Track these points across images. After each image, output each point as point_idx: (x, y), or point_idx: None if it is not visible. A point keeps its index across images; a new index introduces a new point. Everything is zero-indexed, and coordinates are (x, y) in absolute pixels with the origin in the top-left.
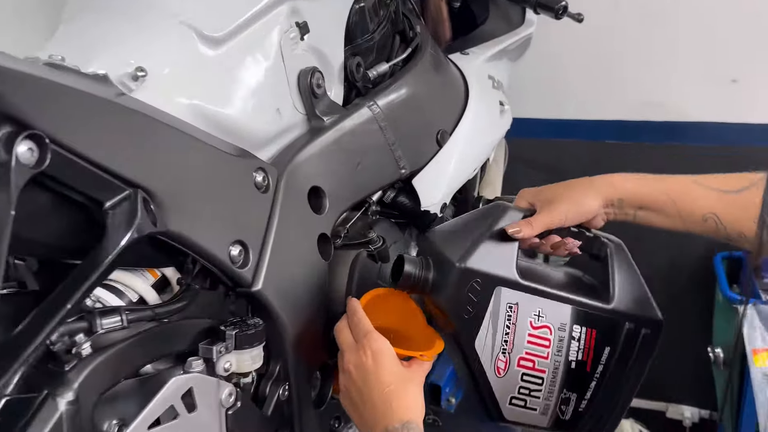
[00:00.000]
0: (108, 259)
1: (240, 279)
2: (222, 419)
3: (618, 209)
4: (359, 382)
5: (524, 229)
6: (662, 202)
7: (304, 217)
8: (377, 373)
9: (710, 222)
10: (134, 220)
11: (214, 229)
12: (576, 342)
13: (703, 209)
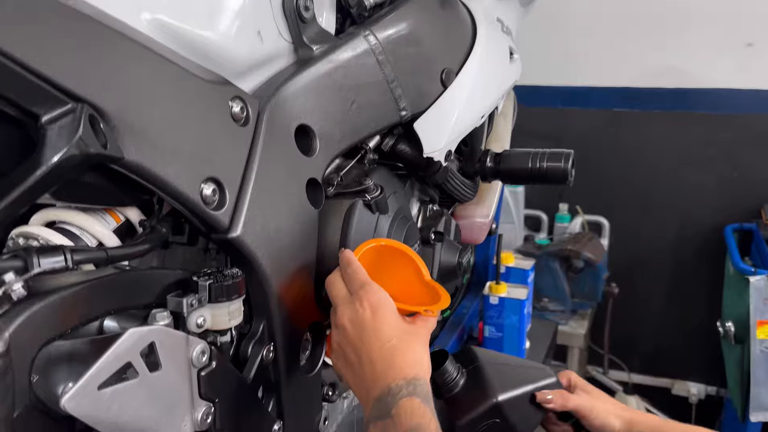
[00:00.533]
0: (33, 177)
1: (215, 223)
2: (193, 381)
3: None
4: (355, 338)
5: (557, 401)
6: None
7: (291, 158)
8: (376, 328)
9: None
10: (74, 135)
11: (182, 163)
12: None
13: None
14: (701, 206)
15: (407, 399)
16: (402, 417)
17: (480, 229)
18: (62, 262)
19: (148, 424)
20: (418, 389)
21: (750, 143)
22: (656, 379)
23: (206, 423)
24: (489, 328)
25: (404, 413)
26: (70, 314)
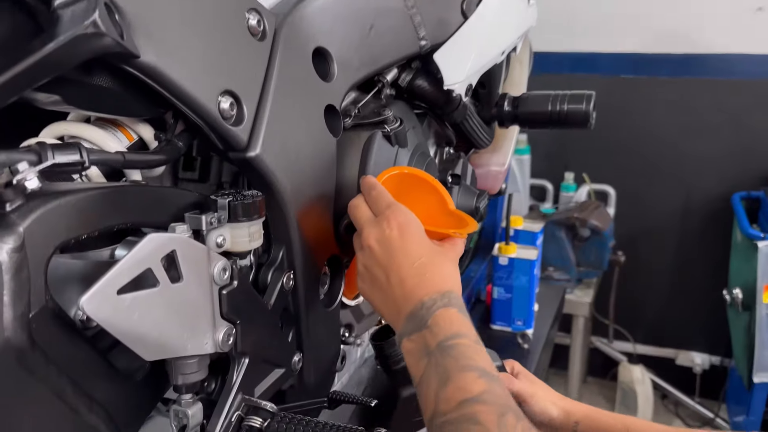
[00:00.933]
0: (44, 50)
1: (233, 139)
2: (215, 299)
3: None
4: (383, 258)
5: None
6: (615, 428)
7: (309, 81)
8: (405, 247)
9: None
10: (89, 15)
11: (199, 72)
12: None
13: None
14: (709, 174)
15: (443, 309)
16: (440, 326)
17: (496, 177)
18: (77, 156)
19: (169, 337)
20: (453, 301)
21: (759, 109)
22: (661, 349)
23: (228, 344)
24: (498, 290)
25: (442, 322)
26: (85, 218)
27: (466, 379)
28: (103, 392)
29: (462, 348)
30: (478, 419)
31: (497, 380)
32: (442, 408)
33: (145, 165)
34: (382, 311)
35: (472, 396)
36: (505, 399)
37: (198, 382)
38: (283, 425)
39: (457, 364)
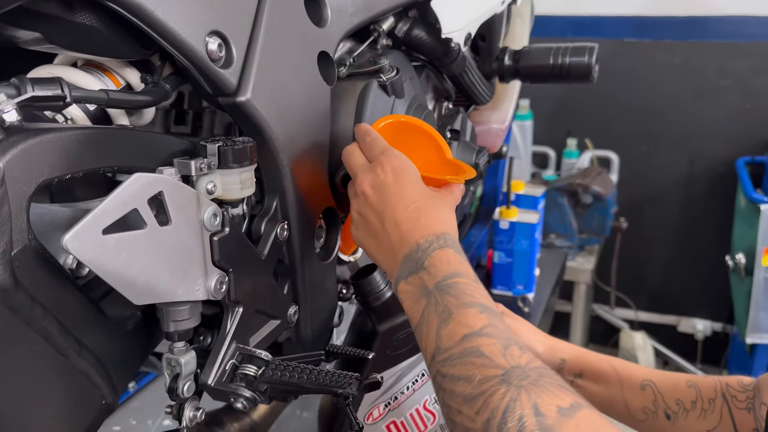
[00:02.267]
0: None
1: (222, 82)
2: (206, 246)
3: (559, 372)
4: (377, 203)
5: None
6: (603, 368)
7: (301, 25)
8: (399, 191)
9: (648, 390)
10: None
11: (185, 10)
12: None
13: (642, 376)
14: (713, 139)
15: (440, 250)
16: (437, 267)
17: (496, 135)
18: (58, 90)
19: (159, 281)
20: (449, 242)
21: (764, 73)
22: (662, 316)
23: (220, 292)
24: (499, 254)
25: (439, 263)
26: (68, 157)
27: (468, 315)
28: (92, 338)
29: (461, 286)
30: (482, 351)
31: (498, 315)
32: (444, 344)
33: (131, 105)
34: (377, 258)
35: (475, 330)
36: (507, 332)
37: (190, 330)
38: (278, 372)
39: (458, 302)
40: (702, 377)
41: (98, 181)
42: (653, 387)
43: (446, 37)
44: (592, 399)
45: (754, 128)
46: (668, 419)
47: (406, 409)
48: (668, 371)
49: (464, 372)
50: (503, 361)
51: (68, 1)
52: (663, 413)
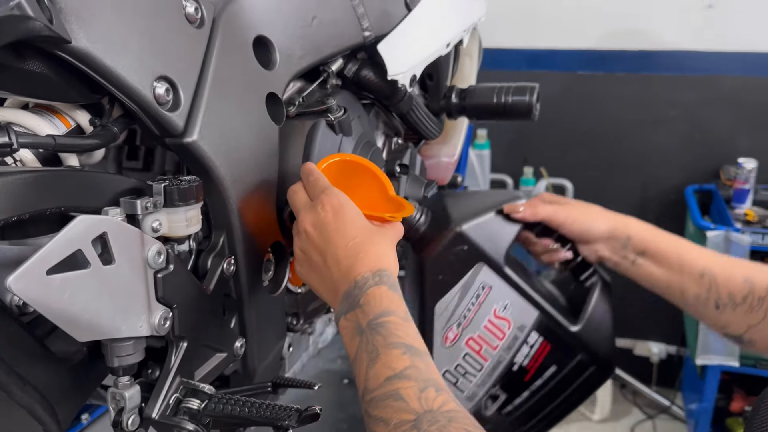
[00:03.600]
0: None
1: (169, 125)
2: (150, 283)
3: (621, 247)
4: (319, 241)
5: (526, 210)
6: (667, 250)
7: (249, 68)
8: (339, 228)
9: (706, 279)
10: None
11: (134, 57)
12: (528, 347)
13: (702, 263)
14: (663, 168)
15: (375, 288)
16: (371, 305)
17: (446, 168)
18: (5, 138)
19: (102, 318)
20: (384, 278)
21: (710, 104)
22: (618, 339)
23: (164, 328)
24: None
25: (373, 300)
26: (14, 200)
27: (392, 356)
28: (36, 374)
29: (390, 326)
30: (401, 395)
31: (421, 354)
32: (371, 385)
33: (78, 149)
34: (321, 293)
35: (396, 373)
36: (427, 374)
37: (135, 365)
38: (220, 406)
39: (385, 342)
40: (760, 272)
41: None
42: (711, 277)
43: (392, 78)
44: (651, 279)
45: (701, 157)
46: (717, 309)
47: (479, 323)
48: (728, 260)
49: (384, 414)
50: (417, 405)
51: (19, 50)
52: (714, 303)
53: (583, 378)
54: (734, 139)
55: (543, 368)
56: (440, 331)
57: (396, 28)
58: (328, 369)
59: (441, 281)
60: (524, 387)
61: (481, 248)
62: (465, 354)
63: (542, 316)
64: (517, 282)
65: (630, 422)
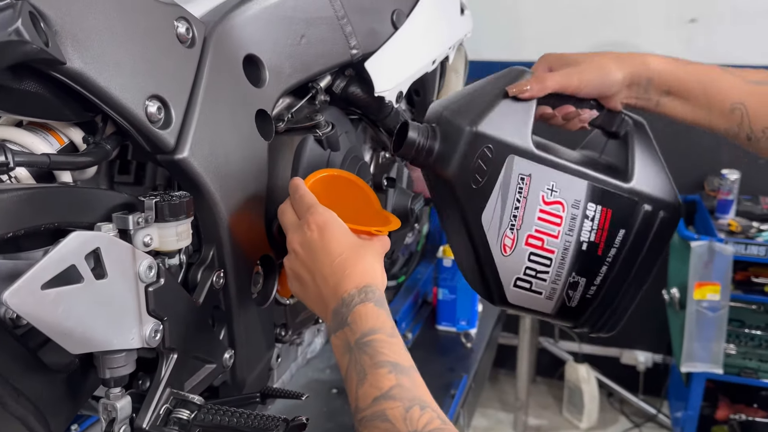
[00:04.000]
0: None
1: (161, 142)
2: (141, 296)
3: (643, 92)
4: (307, 260)
5: (533, 86)
6: (692, 88)
7: (239, 86)
8: (325, 246)
9: (737, 114)
10: (13, 23)
11: (126, 77)
12: (590, 221)
13: (732, 98)
14: None
15: (361, 305)
16: (357, 323)
17: None
18: (2, 157)
19: (94, 332)
20: (369, 295)
21: None
22: (605, 348)
23: (155, 340)
24: (442, 291)
25: (359, 319)
26: (8, 217)
27: (378, 376)
28: (30, 386)
29: (376, 344)
30: (387, 416)
31: (407, 371)
32: (361, 405)
33: (72, 166)
34: (315, 309)
35: (382, 393)
36: (412, 392)
37: (126, 376)
38: (209, 416)
39: (372, 361)
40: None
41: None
42: (743, 111)
43: (379, 94)
44: (677, 116)
45: (685, 168)
46: (749, 141)
47: (532, 217)
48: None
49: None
50: (403, 426)
51: (16, 71)
52: (745, 136)
53: (656, 228)
54: (718, 150)
55: (612, 236)
56: (496, 243)
57: (383, 46)
58: (317, 379)
59: (477, 191)
60: (600, 262)
61: (505, 140)
62: (529, 254)
63: (592, 184)
64: (554, 160)
65: (617, 430)
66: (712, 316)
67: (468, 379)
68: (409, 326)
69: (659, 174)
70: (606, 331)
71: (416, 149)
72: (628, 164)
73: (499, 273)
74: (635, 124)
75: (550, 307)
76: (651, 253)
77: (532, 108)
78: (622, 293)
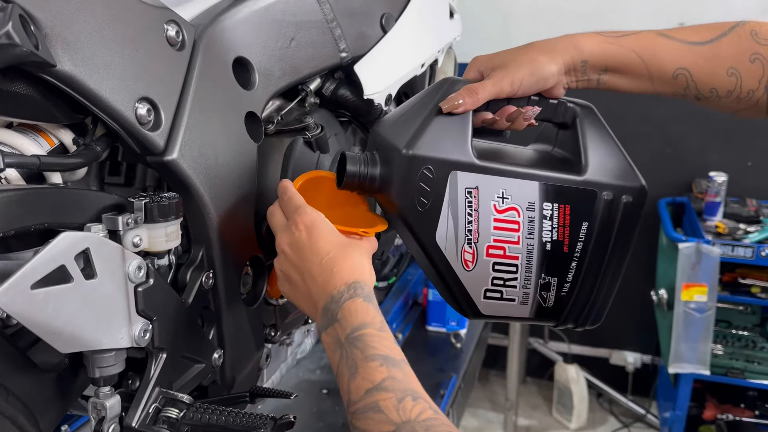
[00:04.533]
0: None
1: (150, 144)
2: (130, 296)
3: (581, 74)
4: (295, 260)
5: (466, 100)
6: (630, 62)
7: (229, 89)
8: (313, 246)
9: (681, 79)
10: (2, 26)
11: (116, 79)
12: (548, 221)
13: (674, 64)
14: None
15: (350, 301)
16: (347, 319)
17: None
18: None
19: (84, 331)
20: (359, 291)
21: (683, 120)
22: (595, 349)
23: (144, 339)
24: (433, 292)
25: (349, 314)
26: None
27: (370, 369)
28: (19, 385)
29: (366, 338)
30: (380, 407)
31: (398, 364)
32: (353, 398)
33: (62, 168)
34: (304, 309)
35: (374, 385)
36: (404, 383)
37: (115, 375)
38: (198, 415)
39: (363, 355)
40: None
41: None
42: (687, 75)
43: (369, 97)
44: (620, 90)
45: (674, 171)
46: (697, 100)
47: (488, 228)
48: (707, 54)
49: (366, 426)
50: (396, 416)
51: (6, 73)
52: (693, 97)
53: (620, 214)
54: (706, 153)
55: (575, 230)
56: (456, 260)
57: (372, 49)
58: (308, 379)
59: (424, 213)
60: (568, 258)
61: (443, 158)
62: (493, 265)
63: (544, 183)
64: (499, 168)
65: (606, 430)
66: (700, 317)
67: (457, 379)
68: (400, 327)
69: (615, 158)
70: (590, 324)
71: (358, 180)
72: (580, 151)
73: (466, 288)
74: (582, 110)
75: (526, 311)
76: (621, 238)
77: (468, 119)
78: (599, 284)
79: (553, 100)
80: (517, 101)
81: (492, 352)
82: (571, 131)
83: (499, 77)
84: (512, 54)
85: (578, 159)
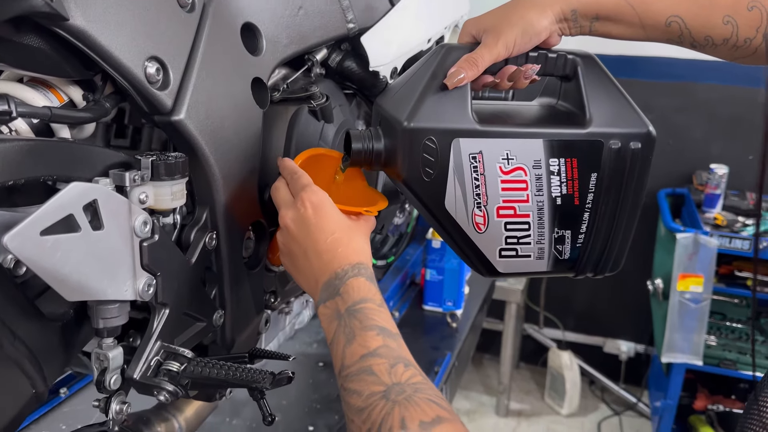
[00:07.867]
0: None
1: (158, 103)
2: (135, 250)
3: (573, 23)
4: (299, 236)
5: (467, 73)
6: (620, 9)
7: (236, 53)
8: (319, 224)
9: (674, 27)
10: None
11: (127, 37)
12: (556, 176)
13: (666, 11)
14: None
15: (353, 279)
16: (349, 293)
17: None
18: (5, 106)
19: (89, 279)
20: (362, 271)
21: (685, 111)
22: (589, 337)
23: (148, 294)
24: (430, 272)
25: (351, 290)
26: (8, 166)
27: (367, 337)
28: (26, 331)
29: (366, 311)
30: (373, 370)
31: (393, 336)
32: (347, 362)
33: (72, 120)
34: (301, 282)
35: (369, 351)
36: (398, 352)
37: (119, 327)
38: (198, 369)
39: (361, 325)
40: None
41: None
42: (681, 22)
43: (374, 69)
44: (612, 37)
45: (675, 162)
46: (693, 47)
47: (496, 190)
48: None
49: (358, 387)
50: (387, 378)
51: (18, 25)
52: (689, 44)
53: (629, 160)
54: (707, 145)
55: (585, 182)
56: (468, 224)
57: (379, 22)
58: (304, 352)
59: (431, 183)
60: (580, 211)
61: (444, 128)
62: (505, 225)
63: (548, 140)
64: (500, 131)
65: (597, 417)
66: (695, 307)
67: (452, 357)
68: (397, 305)
69: (620, 105)
70: (609, 271)
71: (365, 156)
72: (582, 102)
73: (481, 250)
74: (583, 60)
75: (543, 265)
76: (633, 185)
77: (467, 88)
78: (614, 232)
79: (552, 54)
80: (516, 60)
81: (487, 337)
82: (573, 83)
83: (493, 41)
84: (502, 13)
85: (582, 110)
